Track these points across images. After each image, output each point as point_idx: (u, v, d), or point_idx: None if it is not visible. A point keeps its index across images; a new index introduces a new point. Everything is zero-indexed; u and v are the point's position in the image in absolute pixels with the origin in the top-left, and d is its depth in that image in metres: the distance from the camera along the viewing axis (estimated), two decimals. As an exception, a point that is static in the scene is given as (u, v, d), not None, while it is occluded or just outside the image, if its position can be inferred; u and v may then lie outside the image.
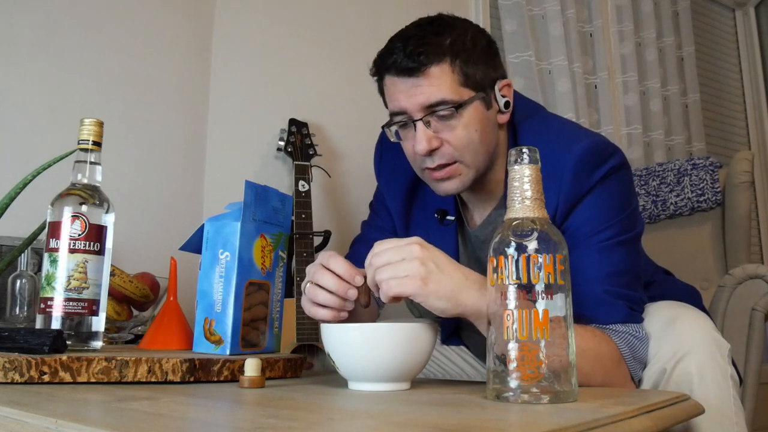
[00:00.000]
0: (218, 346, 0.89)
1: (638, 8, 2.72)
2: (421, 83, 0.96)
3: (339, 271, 0.86)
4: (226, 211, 0.93)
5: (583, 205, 0.96)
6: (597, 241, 0.94)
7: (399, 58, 0.97)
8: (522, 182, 0.69)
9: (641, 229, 1.01)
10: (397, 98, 0.99)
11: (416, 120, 0.98)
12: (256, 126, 1.83)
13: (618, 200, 0.97)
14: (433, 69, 0.96)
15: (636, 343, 0.91)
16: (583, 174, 0.96)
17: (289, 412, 0.59)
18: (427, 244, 0.80)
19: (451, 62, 0.97)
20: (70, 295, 0.85)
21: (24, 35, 1.50)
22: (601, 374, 0.86)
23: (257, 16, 1.87)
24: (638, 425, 0.59)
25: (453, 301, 0.78)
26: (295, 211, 1.63)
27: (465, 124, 0.98)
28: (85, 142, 0.91)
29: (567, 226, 0.97)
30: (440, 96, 0.96)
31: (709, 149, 2.88)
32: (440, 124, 0.98)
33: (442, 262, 0.79)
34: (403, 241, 0.79)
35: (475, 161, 1.01)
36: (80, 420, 0.51)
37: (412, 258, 0.77)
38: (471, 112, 0.99)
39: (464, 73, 0.98)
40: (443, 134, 0.98)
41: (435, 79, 0.96)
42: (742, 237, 1.76)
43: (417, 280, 0.76)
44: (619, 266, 0.94)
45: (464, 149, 0.99)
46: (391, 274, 0.77)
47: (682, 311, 0.98)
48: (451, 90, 0.97)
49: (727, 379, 0.91)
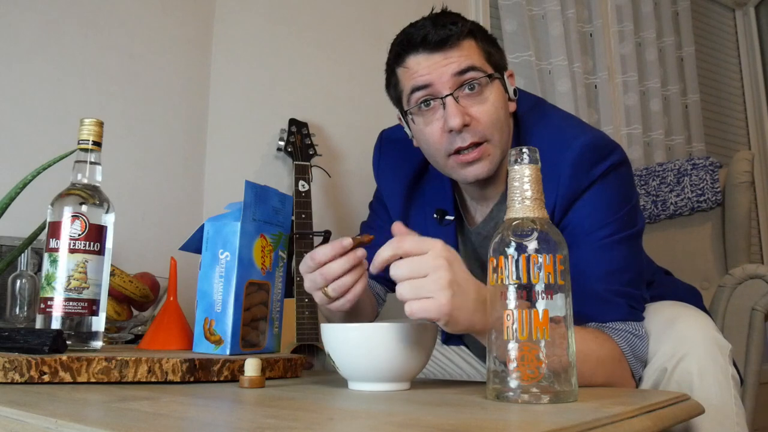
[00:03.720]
0: (218, 346, 0.89)
1: (638, 8, 2.72)
2: (451, 55, 0.98)
3: (326, 249, 0.86)
4: (226, 211, 0.93)
5: (582, 202, 0.96)
6: (597, 238, 0.94)
7: (430, 32, 0.98)
8: (522, 182, 0.69)
9: (642, 226, 1.01)
10: (423, 73, 0.99)
11: (446, 96, 0.98)
12: (256, 126, 1.83)
13: (618, 197, 0.97)
14: (463, 41, 0.99)
15: (636, 342, 0.91)
16: (582, 170, 0.96)
17: (289, 412, 0.59)
18: (449, 250, 0.74)
19: (476, 39, 1.01)
20: (70, 295, 0.85)
21: (24, 35, 1.50)
22: (603, 376, 0.86)
23: (257, 16, 1.87)
24: (638, 425, 0.59)
25: (466, 324, 0.74)
26: (295, 211, 1.63)
27: (492, 100, 0.99)
28: (85, 142, 0.91)
29: (566, 222, 0.96)
30: (470, 63, 0.98)
31: (709, 149, 2.88)
32: (469, 100, 0.98)
33: (462, 277, 0.73)
34: (427, 245, 0.72)
35: (502, 141, 1.02)
36: (80, 420, 0.51)
37: (437, 277, 0.70)
38: (496, 89, 1.01)
39: (487, 51, 1.01)
40: (472, 110, 0.98)
41: (465, 50, 0.99)
42: (742, 237, 1.76)
43: (442, 306, 0.70)
44: (620, 264, 0.94)
45: (493, 126, 0.99)
46: (414, 294, 0.70)
47: (683, 311, 0.98)
48: (480, 61, 0.99)
49: (728, 379, 0.91)
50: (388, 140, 1.23)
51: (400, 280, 0.72)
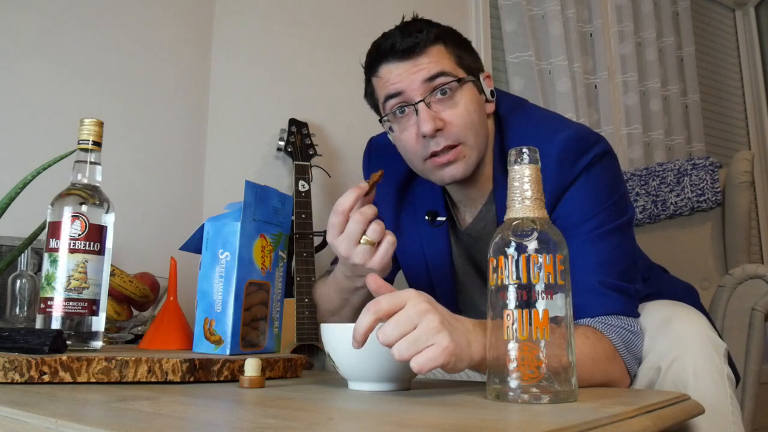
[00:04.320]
0: (218, 346, 0.89)
1: (638, 8, 2.72)
2: (420, 62, 0.99)
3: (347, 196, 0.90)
4: (226, 211, 0.93)
5: (569, 194, 0.97)
6: (587, 230, 0.94)
7: (397, 41, 0.99)
8: (522, 182, 0.69)
9: (632, 215, 1.01)
10: (394, 81, 1.00)
11: (417, 102, 0.99)
12: (256, 126, 1.83)
13: (604, 188, 0.98)
14: (431, 48, 1.00)
15: (631, 338, 0.91)
16: (567, 163, 0.97)
17: (289, 412, 0.59)
18: (424, 293, 0.71)
19: (445, 45, 1.02)
20: (70, 295, 0.85)
21: (24, 35, 1.50)
22: (600, 376, 0.86)
23: (257, 16, 1.87)
24: (638, 425, 0.59)
25: (467, 359, 0.70)
26: (295, 211, 1.63)
27: (464, 103, 1.00)
28: (85, 142, 0.91)
29: (555, 216, 0.97)
30: (439, 68, 0.99)
31: (709, 149, 2.88)
32: (441, 105, 1.00)
33: (447, 314, 0.71)
34: (403, 297, 0.69)
35: (477, 142, 1.02)
36: (80, 420, 0.51)
37: (428, 323, 0.67)
38: (468, 93, 1.02)
39: (457, 55, 1.03)
40: (444, 114, 0.99)
41: (433, 56, 1.00)
42: (742, 237, 1.76)
43: (446, 348, 0.67)
44: (612, 255, 0.94)
45: (467, 128, 1.00)
46: (414, 349, 0.66)
47: (678, 310, 0.98)
48: (450, 66, 1.01)
49: (724, 378, 0.91)
50: (376, 146, 1.24)
51: (392, 342, 0.67)
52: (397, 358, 0.67)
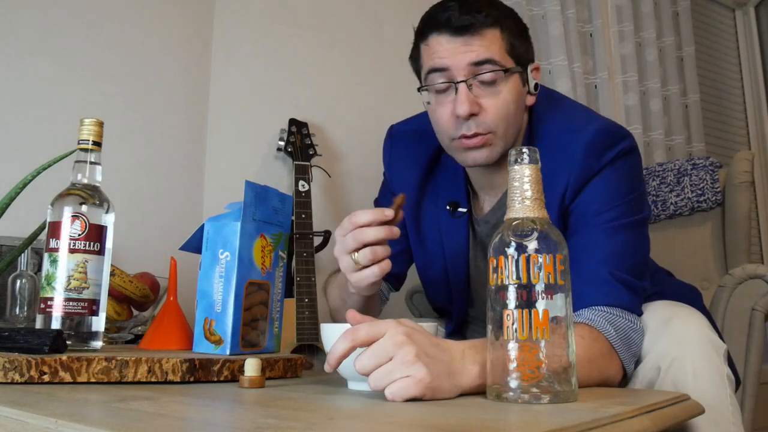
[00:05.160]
0: (218, 346, 0.89)
1: (638, 8, 2.72)
2: (471, 42, 0.97)
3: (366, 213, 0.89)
4: (226, 211, 0.93)
5: (592, 185, 0.98)
6: (603, 221, 0.96)
7: (454, 15, 0.97)
8: (522, 182, 0.69)
9: (647, 214, 1.03)
10: (442, 56, 0.99)
11: (459, 81, 0.98)
12: (256, 126, 1.83)
13: (626, 183, 0.99)
14: (486, 30, 0.98)
15: (632, 335, 0.91)
16: (594, 154, 0.98)
17: (289, 412, 0.59)
18: (405, 323, 0.70)
19: (501, 29, 1.00)
20: (70, 295, 0.85)
21: (24, 35, 1.50)
22: (596, 375, 0.86)
23: (257, 16, 1.87)
24: (638, 425, 0.59)
25: (451, 388, 0.69)
26: (295, 211, 1.63)
27: (505, 94, 0.99)
28: (85, 142, 0.91)
29: (575, 205, 0.99)
30: (489, 55, 0.97)
31: (709, 149, 2.88)
32: (482, 90, 0.99)
33: (427, 345, 0.69)
34: (382, 327, 0.69)
35: (507, 135, 1.02)
36: (80, 420, 0.51)
37: (403, 354, 0.66)
38: (512, 84, 1.01)
39: (510, 43, 1.01)
40: (483, 101, 0.99)
41: (486, 40, 0.98)
42: (742, 237, 1.76)
43: (421, 381, 0.66)
44: (624, 248, 0.95)
45: (500, 119, 1.00)
46: (388, 379, 0.66)
47: (679, 310, 0.98)
48: (500, 54, 0.99)
49: (723, 379, 0.91)
50: (399, 133, 1.23)
51: (368, 371, 0.67)
52: (372, 387, 0.67)
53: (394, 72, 2.05)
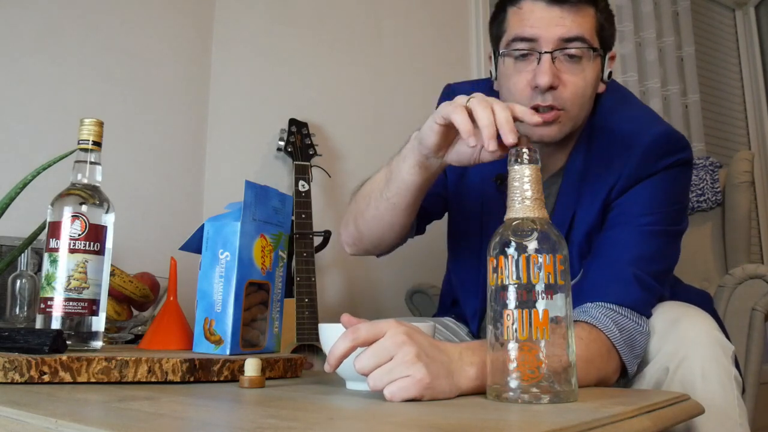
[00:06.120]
0: (218, 346, 0.89)
1: (638, 8, 2.72)
2: (566, 16, 0.96)
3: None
4: (226, 211, 0.93)
5: (641, 186, 0.99)
6: (642, 223, 0.97)
7: None
8: (522, 182, 0.69)
9: (685, 227, 1.03)
10: (533, 25, 0.97)
11: (544, 52, 0.96)
12: (256, 126, 1.83)
13: (674, 192, 1.00)
14: (583, 7, 0.97)
15: (638, 338, 0.91)
16: (652, 157, 0.98)
17: (289, 412, 0.59)
18: (405, 324, 0.70)
19: (596, 9, 0.99)
20: (70, 295, 0.85)
21: (24, 35, 1.50)
22: (594, 375, 0.86)
23: (257, 16, 1.87)
24: (638, 425, 0.59)
25: (451, 388, 0.69)
26: (295, 211, 1.63)
27: (587, 73, 0.99)
28: (85, 142, 0.91)
29: (619, 202, 0.99)
30: (581, 32, 0.96)
31: (709, 149, 2.88)
32: (565, 65, 0.97)
33: (427, 346, 0.69)
34: (382, 327, 0.69)
35: (577, 116, 1.01)
36: (80, 420, 0.51)
37: (403, 354, 0.66)
38: (594, 65, 1.00)
39: (601, 24, 1.00)
40: (565, 76, 0.97)
41: (580, 17, 0.97)
42: (742, 237, 1.76)
43: (420, 381, 0.66)
44: (653, 253, 0.96)
45: (576, 99, 0.98)
46: (388, 379, 0.66)
47: (687, 311, 0.98)
48: (590, 33, 0.98)
49: (731, 380, 0.91)
50: (457, 89, 1.18)
51: (368, 371, 0.67)
52: (371, 387, 0.67)
53: (394, 72, 2.05)
